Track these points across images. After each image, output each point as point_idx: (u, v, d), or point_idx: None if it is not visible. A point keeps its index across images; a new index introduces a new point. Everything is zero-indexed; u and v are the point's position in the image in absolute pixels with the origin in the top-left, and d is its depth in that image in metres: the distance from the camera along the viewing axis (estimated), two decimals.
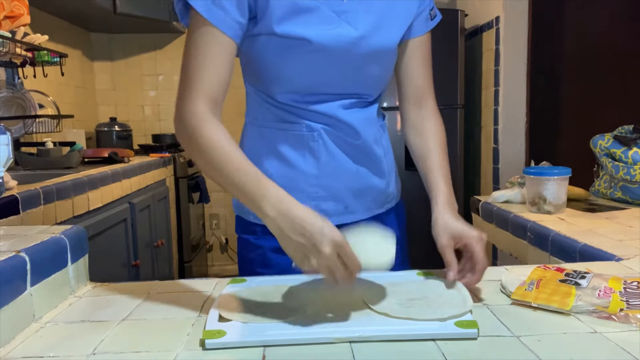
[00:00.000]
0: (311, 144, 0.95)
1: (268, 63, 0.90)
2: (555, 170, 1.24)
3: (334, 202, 0.98)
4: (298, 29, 0.86)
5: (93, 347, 0.60)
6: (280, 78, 0.91)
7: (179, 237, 3.01)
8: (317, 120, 0.94)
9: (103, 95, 3.60)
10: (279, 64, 0.89)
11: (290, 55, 0.88)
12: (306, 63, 0.89)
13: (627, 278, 0.74)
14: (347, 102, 0.95)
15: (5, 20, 1.96)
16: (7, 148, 0.98)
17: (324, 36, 0.87)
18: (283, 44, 0.87)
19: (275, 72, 0.91)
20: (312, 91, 0.92)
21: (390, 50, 0.96)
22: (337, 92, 0.94)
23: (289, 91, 0.92)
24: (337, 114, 0.94)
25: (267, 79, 0.93)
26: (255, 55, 0.91)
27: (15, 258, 0.67)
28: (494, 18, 2.86)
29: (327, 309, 0.68)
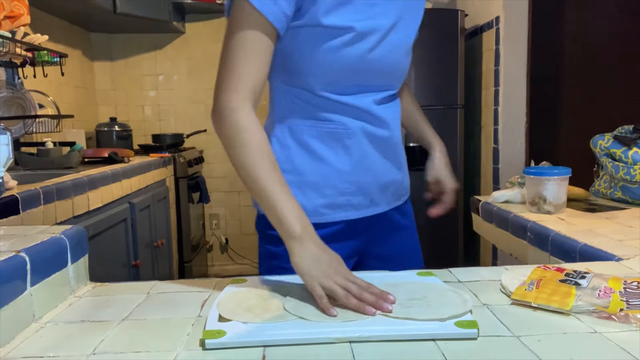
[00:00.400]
0: (346, 141, 0.97)
1: (308, 54, 0.91)
2: (555, 170, 1.24)
3: (362, 196, 1.01)
4: (342, 19, 0.89)
5: (93, 347, 0.60)
6: (320, 69, 0.92)
7: (179, 237, 3.01)
8: (352, 115, 0.96)
9: (103, 95, 3.60)
10: (321, 54, 0.90)
11: (332, 46, 0.90)
12: (346, 54, 0.90)
13: (627, 278, 0.74)
14: (379, 96, 0.98)
15: (5, 20, 1.96)
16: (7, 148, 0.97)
17: (365, 25, 0.90)
18: (327, 34, 0.89)
19: (315, 63, 0.92)
20: (348, 83, 0.94)
21: (411, 42, 1.02)
22: (371, 85, 0.97)
23: (327, 83, 0.93)
24: (371, 108, 0.97)
25: (306, 72, 0.93)
26: (296, 47, 0.91)
27: (15, 258, 0.67)
28: (494, 18, 2.86)
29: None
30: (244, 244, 3.77)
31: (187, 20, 3.56)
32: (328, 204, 0.99)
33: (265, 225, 1.03)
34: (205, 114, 3.67)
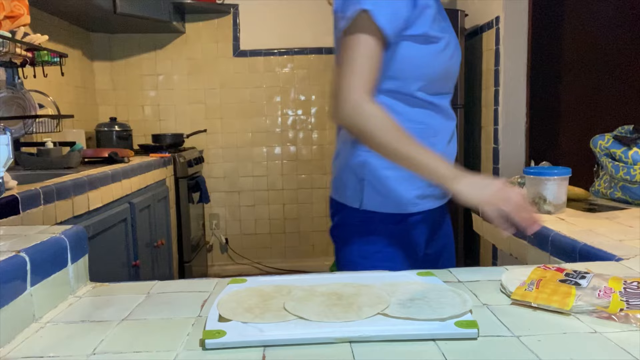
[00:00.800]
0: (432, 139, 1.09)
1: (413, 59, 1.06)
2: (555, 170, 1.24)
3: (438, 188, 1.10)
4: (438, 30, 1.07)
5: (93, 347, 0.60)
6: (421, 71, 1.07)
7: (179, 237, 3.01)
8: (438, 113, 1.11)
9: (103, 95, 3.60)
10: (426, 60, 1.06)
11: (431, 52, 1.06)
12: (439, 60, 1.07)
13: (627, 278, 0.74)
14: (449, 98, 1.16)
15: (5, 20, 1.96)
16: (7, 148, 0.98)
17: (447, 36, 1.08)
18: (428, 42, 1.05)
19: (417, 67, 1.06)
20: (437, 86, 1.10)
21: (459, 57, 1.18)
22: (447, 88, 1.14)
23: (425, 86, 1.08)
24: (448, 108, 1.14)
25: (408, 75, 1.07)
26: (405, 54, 1.05)
27: (15, 258, 0.67)
28: (494, 18, 2.86)
29: (327, 309, 0.68)
30: (244, 244, 3.77)
31: (187, 20, 3.56)
32: (421, 195, 1.12)
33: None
34: (205, 113, 3.67)
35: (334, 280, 0.80)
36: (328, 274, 0.85)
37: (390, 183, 1.11)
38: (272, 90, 3.68)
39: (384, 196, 1.11)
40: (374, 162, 1.10)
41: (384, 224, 1.12)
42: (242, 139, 3.70)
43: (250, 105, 3.67)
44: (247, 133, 3.70)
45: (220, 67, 3.63)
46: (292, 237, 3.79)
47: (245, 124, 3.68)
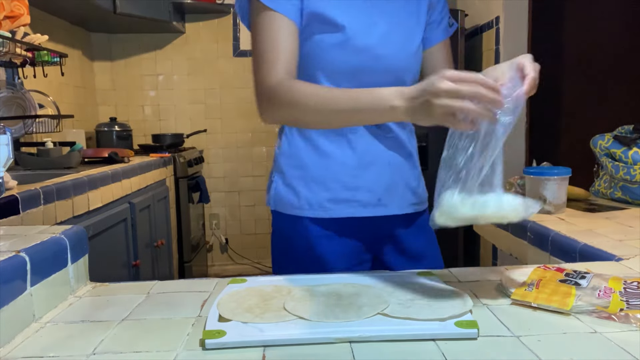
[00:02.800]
0: (349, 135, 1.01)
1: (314, 50, 0.97)
2: (555, 170, 1.24)
3: (368, 193, 1.03)
4: (338, 13, 0.94)
5: (93, 347, 0.60)
6: (324, 65, 0.97)
7: (179, 237, 3.01)
8: None
9: (103, 95, 3.60)
10: (324, 50, 0.96)
11: (333, 42, 0.95)
12: (346, 51, 0.95)
13: (627, 278, 0.74)
14: None
15: (5, 20, 1.96)
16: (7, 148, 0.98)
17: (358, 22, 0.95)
18: (328, 29, 0.95)
19: (320, 59, 0.97)
20: (352, 81, 0.96)
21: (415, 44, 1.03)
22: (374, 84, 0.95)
23: (330, 80, 0.98)
24: None
25: (311, 68, 0.98)
26: (304, 42, 0.97)
27: (15, 258, 0.67)
28: (494, 18, 2.86)
29: (327, 309, 0.68)
30: (244, 244, 3.77)
31: (187, 20, 3.56)
32: (332, 198, 1.02)
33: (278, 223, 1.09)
34: (205, 113, 3.67)
35: (334, 280, 0.80)
36: (328, 274, 0.85)
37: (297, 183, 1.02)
38: None
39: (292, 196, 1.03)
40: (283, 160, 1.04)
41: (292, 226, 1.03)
42: (242, 139, 3.70)
43: (250, 105, 3.67)
44: (247, 133, 3.70)
45: (220, 67, 3.63)
46: None
47: (245, 124, 3.68)
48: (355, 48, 0.96)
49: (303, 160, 1.02)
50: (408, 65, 1.03)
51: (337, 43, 0.95)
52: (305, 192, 1.02)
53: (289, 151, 1.04)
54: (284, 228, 1.07)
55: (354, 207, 1.02)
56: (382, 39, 0.98)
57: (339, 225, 1.03)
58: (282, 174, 1.05)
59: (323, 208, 1.02)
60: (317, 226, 1.03)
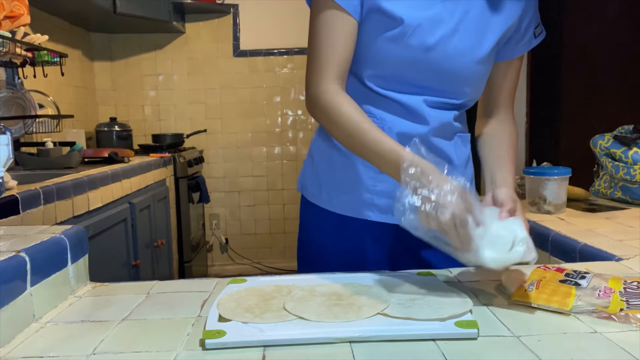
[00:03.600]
0: None
1: (366, 41, 0.92)
2: (555, 170, 1.25)
3: (389, 199, 0.97)
4: (398, 7, 0.88)
5: (93, 347, 0.60)
6: (375, 58, 0.92)
7: (179, 237, 3.01)
8: (395, 112, 0.95)
9: (103, 95, 3.60)
10: (377, 43, 0.91)
11: (388, 36, 0.89)
12: (401, 47, 0.90)
13: (627, 278, 0.74)
14: (431, 99, 0.95)
15: (5, 20, 1.96)
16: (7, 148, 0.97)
17: (419, 19, 0.89)
18: (384, 22, 0.89)
19: (371, 51, 0.92)
20: (401, 79, 0.93)
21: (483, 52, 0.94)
22: (425, 86, 0.94)
23: (378, 75, 0.93)
24: (419, 107, 0.94)
25: (361, 60, 0.94)
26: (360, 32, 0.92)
27: (15, 258, 0.67)
28: None
29: (327, 309, 0.68)
30: (244, 244, 3.77)
31: (187, 20, 3.56)
32: (352, 198, 1.00)
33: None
34: (205, 113, 3.67)
35: (334, 280, 0.80)
36: (328, 274, 0.85)
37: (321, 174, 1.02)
38: (272, 91, 3.68)
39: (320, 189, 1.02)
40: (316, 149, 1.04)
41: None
42: (242, 139, 3.70)
43: (250, 106, 3.67)
44: (247, 133, 3.70)
45: (220, 67, 3.63)
46: (292, 237, 3.79)
47: (245, 124, 3.68)
48: (410, 45, 0.89)
49: (332, 155, 1.01)
50: (469, 74, 0.95)
51: (391, 37, 0.89)
52: (327, 186, 1.01)
53: (323, 142, 1.03)
54: (305, 213, 1.08)
55: (373, 211, 1.00)
56: (442, 39, 0.90)
57: (356, 226, 1.01)
58: (312, 162, 1.05)
59: (341, 205, 1.01)
60: (333, 221, 1.02)
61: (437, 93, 0.95)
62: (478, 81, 0.98)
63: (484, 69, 0.97)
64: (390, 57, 0.91)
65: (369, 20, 0.90)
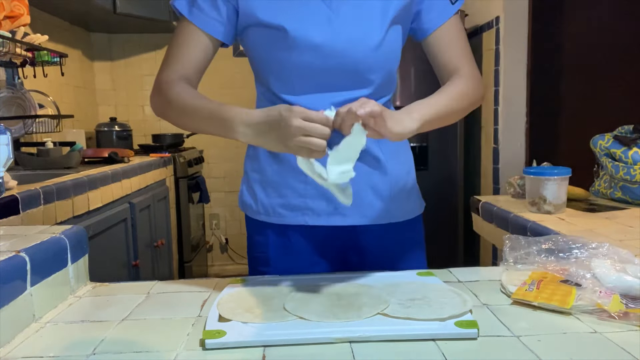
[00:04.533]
0: None
1: (259, 55, 0.96)
2: (555, 170, 1.24)
3: (323, 201, 0.97)
4: (275, 16, 0.90)
5: (93, 347, 0.60)
6: (273, 69, 0.95)
7: (179, 237, 3.01)
8: None
9: (103, 95, 3.60)
10: (269, 54, 0.94)
11: (276, 45, 0.92)
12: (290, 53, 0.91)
13: None
14: (340, 98, 0.93)
15: (5, 20, 1.96)
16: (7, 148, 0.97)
17: (297, 25, 0.90)
18: (267, 32, 0.92)
19: (267, 64, 0.96)
20: (305, 84, 0.93)
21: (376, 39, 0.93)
22: (331, 85, 0.94)
23: (283, 84, 0.95)
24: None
25: (263, 73, 0.98)
26: (250, 48, 0.97)
27: (15, 258, 0.67)
28: (494, 18, 2.86)
29: (327, 309, 0.68)
30: (244, 244, 3.74)
31: None
32: (285, 204, 0.98)
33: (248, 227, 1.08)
34: None
35: (334, 280, 0.80)
36: (328, 274, 0.85)
37: (255, 187, 1.01)
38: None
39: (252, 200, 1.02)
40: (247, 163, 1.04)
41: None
42: None
43: (250, 106, 3.63)
44: None
45: (220, 67, 3.63)
46: None
47: None
48: (298, 48, 0.90)
49: (262, 164, 1.00)
50: (370, 63, 0.94)
51: (278, 44, 0.91)
52: (262, 197, 1.00)
53: (253, 154, 1.03)
54: (248, 230, 1.06)
55: (307, 214, 0.97)
56: (328, 35, 0.90)
57: (295, 233, 1.00)
58: (247, 178, 1.04)
59: (277, 214, 0.99)
60: (274, 232, 1.01)
61: (344, 88, 0.94)
62: (383, 67, 0.96)
63: (386, 54, 0.95)
64: (286, 63, 0.92)
65: (252, 34, 0.94)
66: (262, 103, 1.02)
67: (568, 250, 0.81)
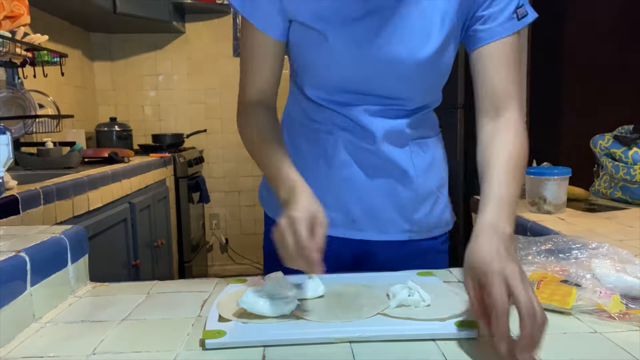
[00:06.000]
0: (327, 147, 0.93)
1: (297, 53, 0.91)
2: (555, 170, 1.25)
3: (341, 213, 0.93)
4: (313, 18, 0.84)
5: (93, 347, 0.60)
6: (310, 69, 0.91)
7: (179, 237, 3.01)
8: (338, 124, 0.92)
9: (103, 95, 3.60)
10: (307, 54, 0.89)
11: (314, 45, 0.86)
12: (330, 56, 0.86)
13: None
14: (373, 108, 0.90)
15: (5, 20, 1.96)
16: (7, 148, 0.98)
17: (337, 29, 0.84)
18: (307, 31, 0.86)
19: (306, 62, 0.90)
20: (339, 89, 0.89)
21: (423, 56, 0.86)
22: (367, 94, 0.89)
23: (318, 86, 0.91)
24: (360, 118, 0.90)
25: (300, 70, 0.93)
26: (292, 44, 0.90)
27: (15, 258, 0.67)
28: None
29: (327, 309, 0.68)
30: (244, 244, 3.77)
31: (187, 20, 3.56)
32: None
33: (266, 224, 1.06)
34: (205, 113, 3.67)
35: (334, 280, 0.80)
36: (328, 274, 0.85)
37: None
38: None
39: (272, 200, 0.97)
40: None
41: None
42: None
43: None
44: None
45: (220, 67, 3.63)
46: None
47: None
48: (341, 55, 0.85)
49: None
50: (412, 78, 0.88)
51: (321, 48, 0.85)
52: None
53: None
54: (265, 225, 1.05)
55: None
56: (372, 44, 0.84)
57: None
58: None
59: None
60: None
61: (380, 100, 0.89)
62: (429, 83, 0.91)
63: (435, 70, 0.89)
64: (324, 67, 0.88)
65: (294, 32, 0.88)
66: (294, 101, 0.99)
67: (568, 250, 0.81)
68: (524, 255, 0.83)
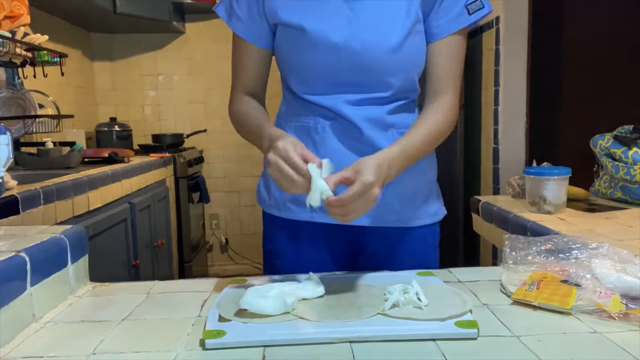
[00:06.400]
0: (314, 136, 0.97)
1: (282, 54, 0.99)
2: (555, 170, 1.24)
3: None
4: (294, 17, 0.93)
5: (93, 347, 0.60)
6: (294, 69, 0.98)
7: (179, 237, 3.01)
8: (323, 115, 0.97)
9: (103, 95, 3.59)
10: (291, 54, 0.97)
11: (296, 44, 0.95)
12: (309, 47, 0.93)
13: None
14: (354, 98, 0.95)
15: (5, 20, 1.96)
16: (7, 148, 0.98)
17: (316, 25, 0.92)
18: (288, 32, 0.95)
19: (289, 63, 0.98)
20: (321, 82, 0.95)
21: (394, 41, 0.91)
22: (345, 85, 0.94)
23: (302, 81, 0.97)
24: (341, 109, 0.95)
25: (285, 72, 1.01)
26: (276, 47, 1.00)
27: (15, 258, 0.67)
28: (494, 18, 2.86)
29: (327, 309, 0.68)
30: (244, 244, 3.77)
31: (187, 20, 3.56)
32: (295, 200, 0.99)
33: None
34: (205, 113, 3.67)
35: (334, 280, 0.80)
36: (328, 274, 0.85)
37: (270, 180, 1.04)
38: (272, 90, 3.67)
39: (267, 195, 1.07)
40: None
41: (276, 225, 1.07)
42: (242, 139, 3.69)
43: None
44: None
45: (220, 67, 3.63)
46: None
47: None
48: (318, 47, 0.91)
49: None
50: (389, 66, 0.93)
51: (300, 45, 0.93)
52: (274, 191, 1.03)
53: None
54: (264, 223, 1.11)
55: (315, 211, 0.92)
56: (348, 36, 0.90)
57: (304, 229, 1.01)
58: (265, 172, 1.07)
59: (287, 209, 1.01)
60: (284, 227, 1.04)
61: (359, 89, 0.95)
62: (403, 70, 0.95)
63: (406, 57, 0.94)
64: (306, 62, 0.95)
65: (279, 33, 0.97)
66: (285, 101, 1.06)
67: (568, 250, 0.81)
68: (524, 255, 0.83)
